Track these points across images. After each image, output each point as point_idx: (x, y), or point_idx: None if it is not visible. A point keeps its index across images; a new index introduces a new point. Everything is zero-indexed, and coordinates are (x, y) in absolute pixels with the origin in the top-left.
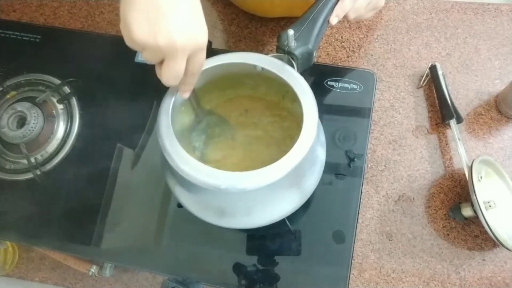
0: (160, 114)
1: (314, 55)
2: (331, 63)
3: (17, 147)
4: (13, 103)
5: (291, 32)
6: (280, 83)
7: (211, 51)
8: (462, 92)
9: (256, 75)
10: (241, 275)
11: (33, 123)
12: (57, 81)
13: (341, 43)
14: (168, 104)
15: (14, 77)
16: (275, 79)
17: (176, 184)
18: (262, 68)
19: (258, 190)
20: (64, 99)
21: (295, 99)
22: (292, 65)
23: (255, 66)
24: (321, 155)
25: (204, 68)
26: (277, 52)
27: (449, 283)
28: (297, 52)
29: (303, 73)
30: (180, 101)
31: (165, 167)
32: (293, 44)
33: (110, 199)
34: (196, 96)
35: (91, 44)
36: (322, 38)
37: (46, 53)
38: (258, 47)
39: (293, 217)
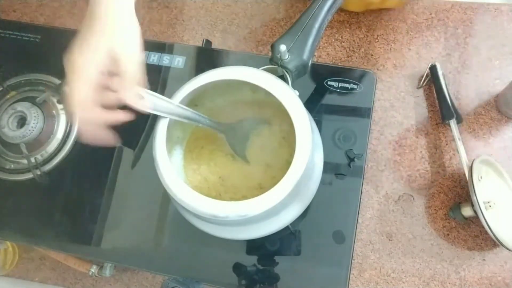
0: (155, 147)
1: (309, 64)
2: (331, 63)
3: (17, 147)
4: (13, 103)
5: (283, 47)
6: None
7: (211, 51)
8: (462, 92)
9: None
10: (241, 275)
11: (33, 123)
12: (57, 81)
13: (341, 43)
14: (162, 135)
15: (14, 77)
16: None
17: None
18: (253, 85)
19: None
20: (64, 99)
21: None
22: (286, 77)
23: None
24: (319, 160)
25: (192, 88)
26: (270, 64)
27: (449, 283)
28: (291, 65)
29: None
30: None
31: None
32: (287, 57)
33: (110, 199)
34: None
35: None
36: (322, 38)
37: (46, 53)
38: (258, 47)
39: None
